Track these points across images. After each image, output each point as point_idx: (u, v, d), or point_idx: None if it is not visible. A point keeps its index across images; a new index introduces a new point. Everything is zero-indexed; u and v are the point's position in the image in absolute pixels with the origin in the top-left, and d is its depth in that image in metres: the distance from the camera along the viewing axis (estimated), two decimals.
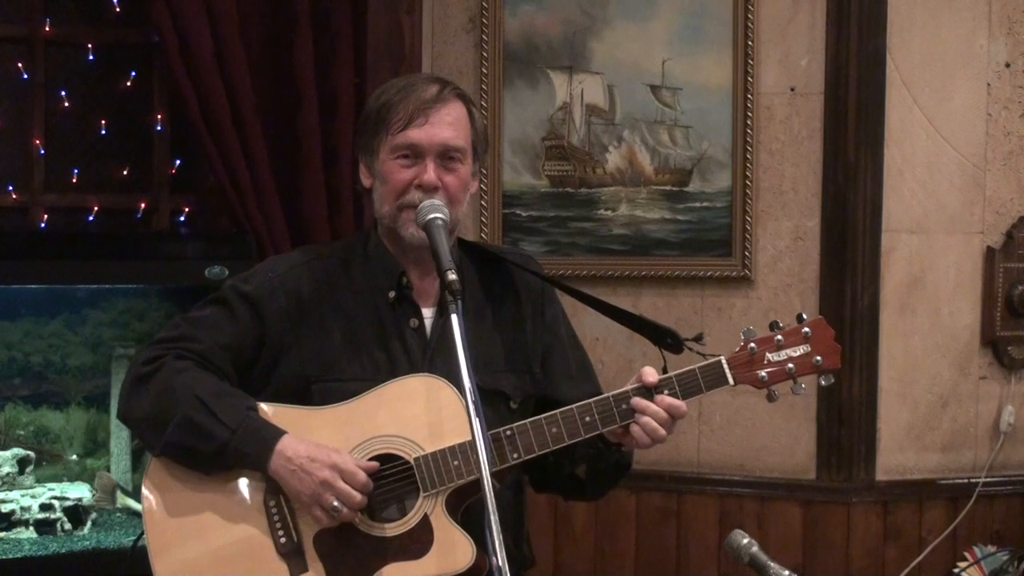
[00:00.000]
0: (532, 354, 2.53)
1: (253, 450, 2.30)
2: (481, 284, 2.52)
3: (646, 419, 2.32)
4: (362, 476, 2.27)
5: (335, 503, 2.26)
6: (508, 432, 2.32)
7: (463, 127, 2.42)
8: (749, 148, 3.75)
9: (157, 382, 2.36)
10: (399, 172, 2.39)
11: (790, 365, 2.37)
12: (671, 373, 2.36)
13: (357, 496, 2.27)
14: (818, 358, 2.37)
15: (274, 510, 2.32)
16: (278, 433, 2.31)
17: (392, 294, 2.43)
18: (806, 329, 2.38)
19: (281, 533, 2.31)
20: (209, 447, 2.30)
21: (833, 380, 2.39)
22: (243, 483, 2.34)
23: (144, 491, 2.36)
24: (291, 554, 2.30)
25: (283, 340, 2.41)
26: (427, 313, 2.45)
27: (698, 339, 2.43)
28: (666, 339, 2.49)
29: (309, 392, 2.39)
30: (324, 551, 2.30)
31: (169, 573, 2.31)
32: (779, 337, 2.37)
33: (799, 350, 2.37)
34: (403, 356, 2.41)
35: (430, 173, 2.37)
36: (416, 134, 2.37)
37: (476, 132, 2.45)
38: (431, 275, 2.43)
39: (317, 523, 2.29)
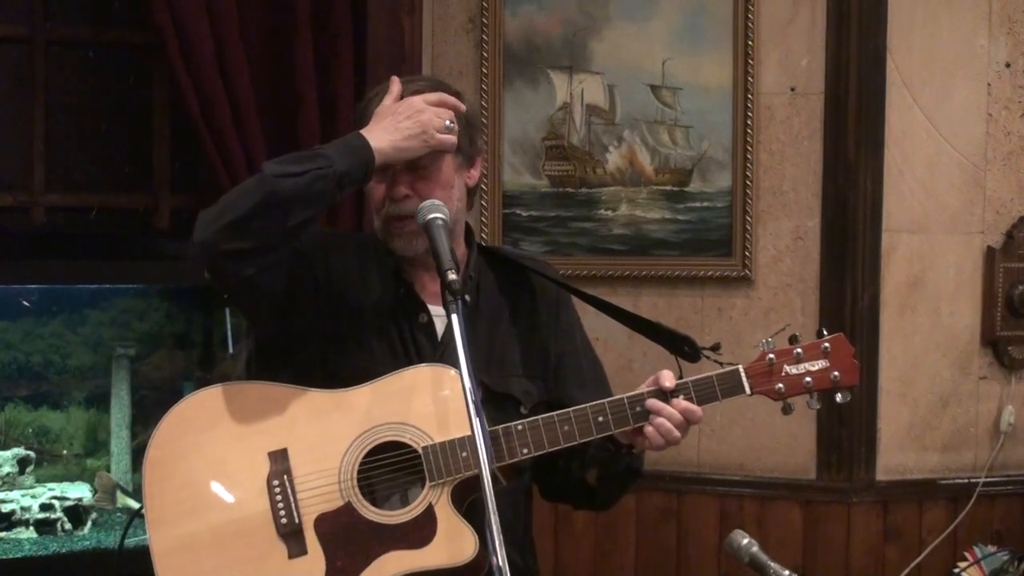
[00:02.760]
0: (546, 360, 2.53)
1: (353, 144, 2.30)
2: (499, 288, 2.53)
3: (661, 420, 2.32)
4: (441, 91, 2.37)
5: (444, 122, 2.32)
6: (519, 427, 2.31)
7: None
8: (749, 148, 3.75)
9: (225, 197, 2.31)
10: (376, 189, 2.41)
11: (808, 379, 2.36)
12: (688, 379, 2.36)
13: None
14: (836, 374, 2.36)
15: (277, 490, 2.31)
16: (354, 133, 2.33)
17: (402, 290, 2.44)
18: (826, 344, 2.37)
19: (283, 513, 2.29)
20: (323, 182, 2.26)
21: (850, 397, 2.39)
22: (247, 461, 2.33)
23: (146, 464, 2.34)
24: (291, 535, 2.29)
25: (316, 283, 2.41)
26: (436, 311, 2.44)
27: (715, 348, 2.43)
28: (683, 347, 2.49)
29: (326, 361, 2.38)
30: (324, 534, 2.29)
31: (166, 546, 2.29)
32: (798, 350, 2.37)
33: (817, 364, 2.37)
34: (413, 349, 2.42)
35: (397, 187, 2.38)
36: None
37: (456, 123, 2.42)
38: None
39: (438, 147, 2.34)
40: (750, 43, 3.73)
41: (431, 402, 2.32)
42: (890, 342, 3.75)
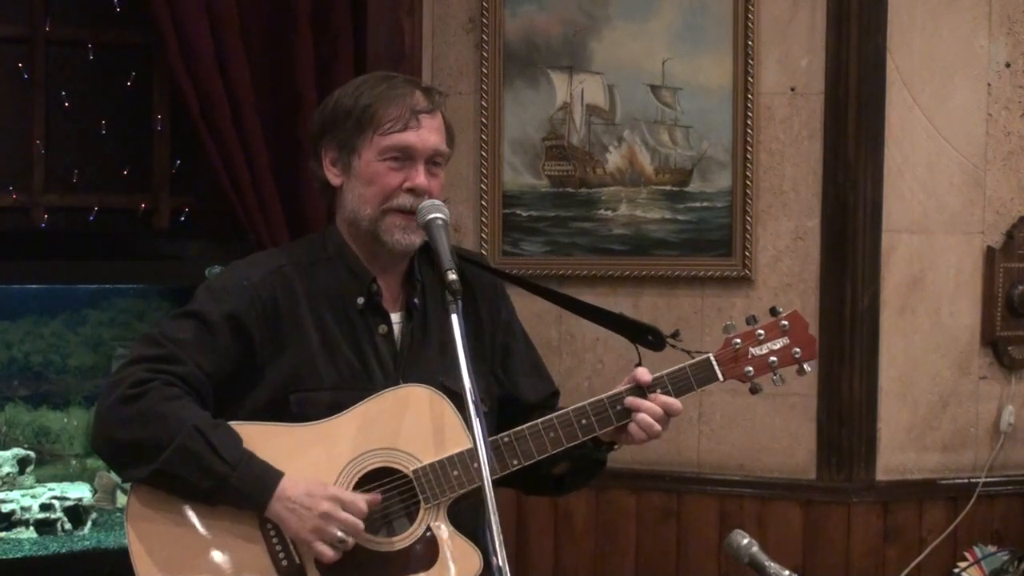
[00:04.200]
0: (493, 355, 2.53)
1: (253, 490, 2.24)
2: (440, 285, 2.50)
3: (642, 415, 2.35)
4: (363, 503, 2.25)
5: (340, 534, 2.22)
6: (507, 439, 2.32)
7: (444, 132, 2.43)
8: (749, 148, 3.75)
9: (147, 406, 2.26)
10: (388, 175, 2.36)
11: (772, 359, 2.42)
12: (662, 372, 2.39)
13: (360, 524, 2.24)
14: (797, 350, 2.42)
15: (272, 532, 2.28)
16: (277, 475, 2.26)
17: (361, 300, 2.40)
18: (784, 322, 2.43)
19: (282, 555, 2.27)
20: (205, 482, 2.23)
21: (810, 370, 2.45)
22: (236, 509, 2.29)
23: (129, 522, 2.29)
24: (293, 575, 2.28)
25: (264, 352, 2.35)
26: (394, 319, 2.43)
27: (675, 335, 2.46)
28: (647, 336, 2.50)
29: (287, 402, 2.34)
30: (327, 570, 2.26)
31: None
32: (760, 331, 2.42)
33: (779, 343, 2.43)
34: (375, 363, 2.39)
35: (422, 177, 2.35)
36: (411, 137, 2.36)
37: (450, 135, 2.46)
38: (397, 280, 2.43)
39: (322, 558, 2.24)
40: (750, 43, 3.73)
41: (413, 424, 2.30)
42: (890, 342, 3.75)
